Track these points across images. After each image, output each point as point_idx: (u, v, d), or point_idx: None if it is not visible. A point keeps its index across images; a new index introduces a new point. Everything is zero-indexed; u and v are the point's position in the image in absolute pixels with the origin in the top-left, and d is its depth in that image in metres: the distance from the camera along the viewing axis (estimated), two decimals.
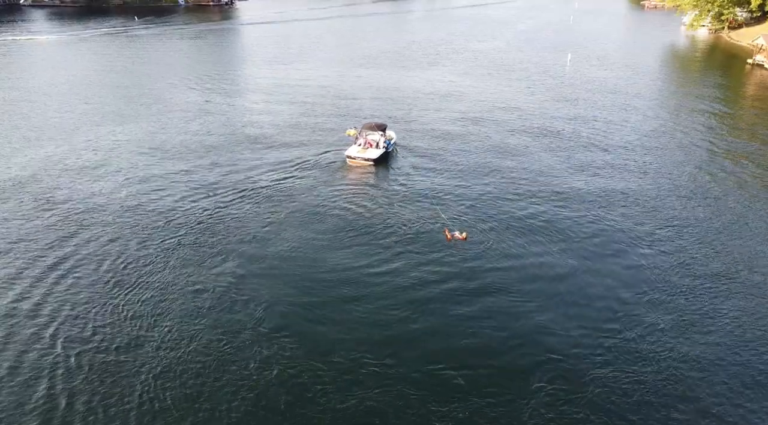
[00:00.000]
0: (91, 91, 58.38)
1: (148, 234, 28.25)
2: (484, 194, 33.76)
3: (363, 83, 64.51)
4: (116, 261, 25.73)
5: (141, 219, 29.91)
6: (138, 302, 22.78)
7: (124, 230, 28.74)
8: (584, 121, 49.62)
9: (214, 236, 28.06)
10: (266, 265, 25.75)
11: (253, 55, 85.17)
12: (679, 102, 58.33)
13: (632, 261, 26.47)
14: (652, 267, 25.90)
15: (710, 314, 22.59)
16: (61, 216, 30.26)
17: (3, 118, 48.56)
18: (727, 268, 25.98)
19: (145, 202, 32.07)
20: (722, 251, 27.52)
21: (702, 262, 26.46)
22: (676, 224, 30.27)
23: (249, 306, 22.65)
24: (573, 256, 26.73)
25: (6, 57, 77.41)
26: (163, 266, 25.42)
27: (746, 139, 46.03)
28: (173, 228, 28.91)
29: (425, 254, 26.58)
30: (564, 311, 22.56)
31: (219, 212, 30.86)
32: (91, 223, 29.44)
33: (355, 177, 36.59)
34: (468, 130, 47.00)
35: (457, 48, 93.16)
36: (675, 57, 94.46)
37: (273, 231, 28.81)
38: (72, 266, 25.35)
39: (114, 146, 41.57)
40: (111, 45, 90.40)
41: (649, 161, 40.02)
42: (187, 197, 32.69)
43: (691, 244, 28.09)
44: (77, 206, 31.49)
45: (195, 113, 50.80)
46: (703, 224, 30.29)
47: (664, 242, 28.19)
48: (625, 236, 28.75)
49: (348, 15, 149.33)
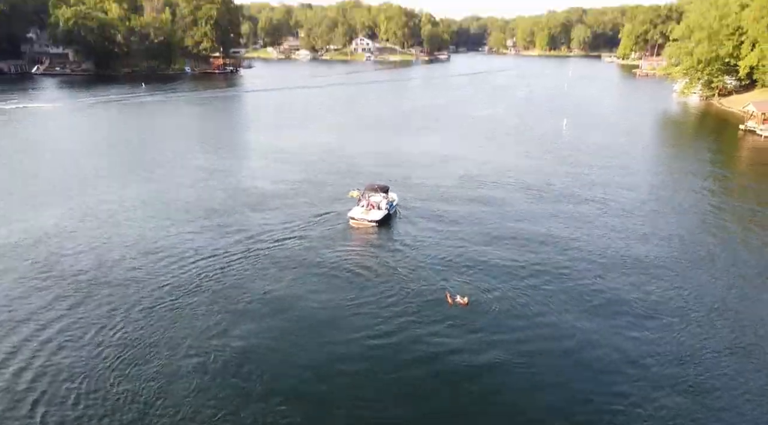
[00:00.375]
0: (98, 156, 59.21)
1: (149, 299, 27.62)
2: (485, 257, 33.37)
3: (364, 148, 65.61)
4: (113, 326, 25.06)
5: (141, 283, 29.36)
6: (136, 377, 21.99)
7: (124, 294, 28.15)
8: (583, 185, 50.01)
9: (214, 302, 27.46)
10: (268, 334, 25.04)
11: (257, 120, 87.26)
12: (676, 166, 59.05)
13: (638, 331, 25.72)
14: (659, 337, 25.21)
15: (720, 389, 21.80)
16: (60, 279, 29.76)
17: (10, 181, 48.97)
18: (734, 335, 25.34)
19: (146, 265, 31.63)
20: (729, 317, 26.94)
21: (710, 330, 25.82)
22: (681, 289, 29.76)
23: (251, 377, 21.88)
24: (578, 326, 26.00)
25: (16, 123, 79.12)
26: (162, 333, 24.72)
27: (745, 202, 46.20)
28: (173, 291, 28.35)
29: (427, 324, 25.84)
30: (571, 387, 21.75)
31: (220, 275, 30.41)
32: (90, 286, 28.88)
33: (358, 239, 36.51)
34: (468, 193, 47.28)
35: (457, 114, 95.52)
36: (669, 122, 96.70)
37: (275, 297, 28.25)
38: (67, 330, 24.68)
39: (117, 209, 41.62)
40: (118, 111, 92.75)
41: (650, 225, 39.89)
42: (188, 260, 32.30)
43: (701, 314, 27.51)
44: (77, 269, 31.00)
45: (199, 176, 51.29)
46: (709, 291, 29.80)
47: (670, 309, 27.58)
48: (631, 305, 28.15)
49: (349, 83, 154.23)
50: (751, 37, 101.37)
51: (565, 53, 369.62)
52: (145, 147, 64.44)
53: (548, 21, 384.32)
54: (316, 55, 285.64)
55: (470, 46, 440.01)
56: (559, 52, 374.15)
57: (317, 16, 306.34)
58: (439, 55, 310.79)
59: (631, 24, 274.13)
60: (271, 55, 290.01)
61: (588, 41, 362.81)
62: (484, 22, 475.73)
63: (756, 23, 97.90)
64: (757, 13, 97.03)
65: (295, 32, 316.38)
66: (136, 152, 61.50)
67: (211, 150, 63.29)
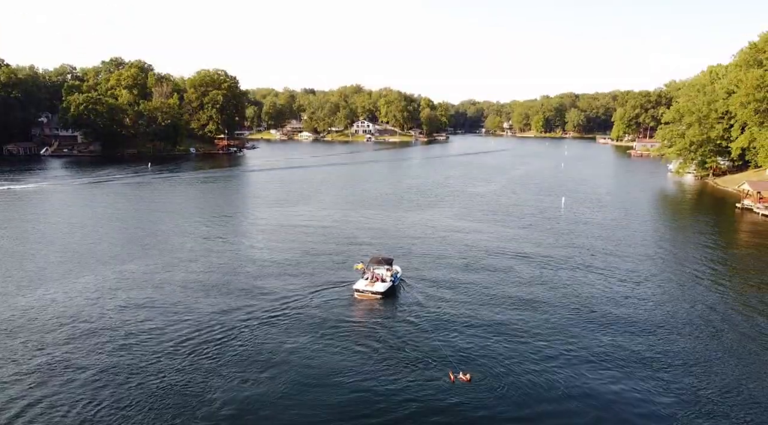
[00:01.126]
0: (97, 234, 59.07)
1: (143, 380, 26.47)
2: (489, 331, 32.82)
3: (364, 224, 65.76)
4: (104, 411, 23.79)
5: (135, 361, 28.27)
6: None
7: (117, 376, 26.98)
8: (582, 263, 49.40)
9: (207, 380, 26.30)
10: (268, 412, 24.07)
11: (259, 198, 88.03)
12: (677, 242, 58.76)
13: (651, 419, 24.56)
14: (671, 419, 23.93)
15: None
16: (51, 359, 28.66)
17: (8, 260, 48.54)
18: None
19: (142, 342, 30.64)
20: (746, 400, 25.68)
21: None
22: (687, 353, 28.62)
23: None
24: (583, 410, 24.87)
25: (20, 202, 79.85)
26: (153, 409, 23.47)
27: (747, 277, 45.48)
28: (172, 372, 27.19)
29: (431, 401, 25.00)
30: None
31: (221, 349, 29.53)
32: (83, 368, 27.72)
33: (362, 311, 36.52)
34: (470, 267, 47.08)
35: (454, 191, 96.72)
36: (666, 201, 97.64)
37: (277, 373, 27.47)
38: (54, 406, 23.40)
39: (114, 286, 40.93)
40: (123, 190, 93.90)
41: (651, 293, 39.10)
42: (188, 337, 31.33)
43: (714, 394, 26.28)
44: (67, 349, 29.91)
45: (199, 253, 50.95)
46: (723, 376, 28.62)
47: (678, 397, 26.36)
48: (640, 396, 26.96)
49: (349, 162, 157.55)
50: (740, 120, 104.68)
51: (560, 135, 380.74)
52: (147, 225, 64.41)
53: (542, 105, 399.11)
54: (318, 136, 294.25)
55: (467, 129, 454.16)
56: (555, 134, 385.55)
57: (319, 100, 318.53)
58: (437, 136, 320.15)
59: (622, 109, 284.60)
60: (274, 136, 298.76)
61: (582, 124, 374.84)
62: (481, 105, 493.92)
63: (743, 108, 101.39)
64: (744, 99, 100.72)
65: (298, 115, 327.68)
66: (137, 230, 61.41)
67: (213, 228, 63.26)
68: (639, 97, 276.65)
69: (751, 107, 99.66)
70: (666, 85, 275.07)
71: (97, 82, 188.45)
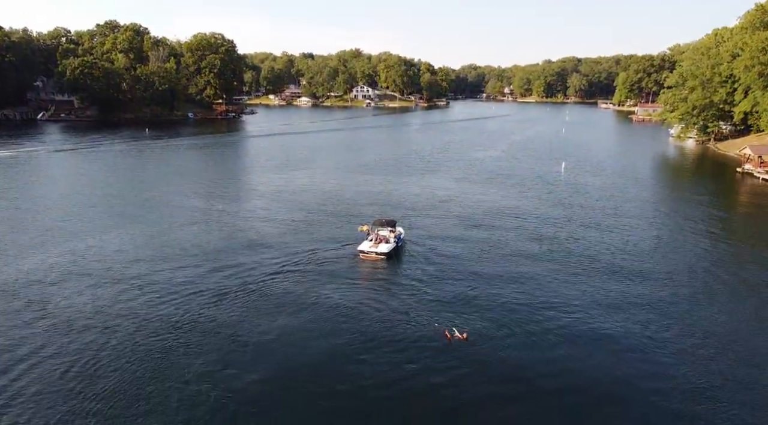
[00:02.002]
0: (96, 198, 59.18)
1: (145, 341, 26.97)
2: (487, 290, 33.32)
3: (364, 188, 65.82)
4: (106, 371, 24.32)
5: (138, 324, 28.72)
6: (125, 411, 21.21)
7: (118, 336, 27.47)
8: (581, 225, 49.66)
9: (213, 336, 26.85)
10: (274, 365, 24.82)
11: (258, 163, 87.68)
12: (677, 207, 58.86)
13: (644, 368, 25.10)
14: (667, 376, 24.48)
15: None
16: (54, 321, 29.16)
17: (10, 223, 48.76)
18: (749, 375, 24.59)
19: (144, 306, 31.05)
20: (745, 356, 26.25)
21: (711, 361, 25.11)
22: (680, 323, 29.13)
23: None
24: (576, 361, 25.47)
25: (19, 167, 79.63)
26: (154, 370, 24.03)
27: (746, 241, 45.81)
28: (174, 335, 27.67)
29: (428, 361, 25.53)
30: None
31: (235, 301, 30.00)
32: (85, 330, 28.21)
33: (367, 271, 37.53)
34: (469, 230, 47.62)
35: (454, 157, 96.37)
36: (666, 166, 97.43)
37: (282, 327, 28.12)
38: (53, 367, 23.98)
39: (115, 250, 41.25)
40: (120, 155, 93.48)
41: (650, 262, 39.44)
42: (192, 298, 31.78)
43: (699, 346, 26.82)
44: (71, 311, 30.39)
45: (198, 217, 51.12)
46: (726, 332, 29.15)
47: (674, 344, 26.89)
48: (634, 342, 27.48)
49: (349, 128, 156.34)
50: (744, 84, 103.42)
51: (562, 100, 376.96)
52: (146, 189, 64.36)
53: (544, 70, 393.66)
54: (317, 101, 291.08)
55: (468, 94, 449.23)
56: (556, 99, 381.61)
57: (318, 65, 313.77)
58: (438, 101, 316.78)
59: (625, 73, 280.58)
60: (272, 102, 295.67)
61: (584, 89, 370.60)
62: (482, 70, 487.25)
63: (748, 71, 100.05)
64: (749, 62, 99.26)
65: (297, 80, 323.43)
66: (136, 195, 61.41)
67: (213, 192, 63.29)
68: (642, 61, 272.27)
69: (755, 70, 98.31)
70: (670, 49, 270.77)
71: (92, 46, 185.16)
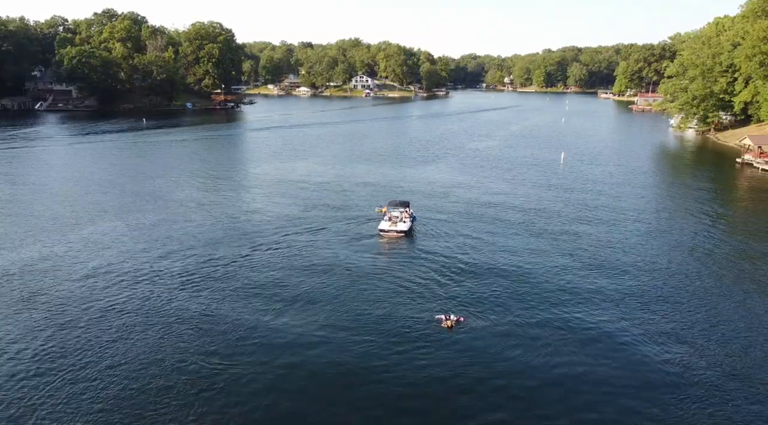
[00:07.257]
0: (94, 188, 59.11)
1: (142, 335, 27.09)
2: (490, 272, 33.72)
3: (364, 178, 65.86)
4: (104, 365, 24.42)
5: (133, 315, 28.82)
6: (129, 393, 21.34)
7: (113, 327, 27.54)
8: (580, 214, 49.73)
9: (236, 313, 26.98)
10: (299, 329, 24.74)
11: (257, 153, 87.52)
12: (677, 197, 58.89)
13: (637, 359, 25.22)
14: (646, 363, 24.63)
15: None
16: (45, 312, 29.19)
17: (6, 213, 48.75)
18: (747, 370, 24.73)
19: (140, 296, 31.13)
20: (742, 351, 26.38)
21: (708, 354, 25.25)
22: (676, 317, 29.25)
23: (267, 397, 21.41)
24: (575, 352, 25.60)
25: (16, 158, 79.49)
26: (158, 352, 24.16)
27: (746, 232, 45.86)
28: (179, 325, 27.80)
29: (426, 346, 25.58)
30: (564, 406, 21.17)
31: (252, 279, 30.04)
32: (77, 321, 28.24)
33: (388, 247, 40.83)
34: (470, 217, 48.60)
35: (454, 146, 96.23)
36: (666, 156, 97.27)
37: (305, 299, 28.16)
38: (50, 353, 24.10)
39: (112, 239, 41.26)
40: (118, 145, 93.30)
41: (651, 254, 39.50)
42: (195, 283, 31.93)
43: (697, 339, 26.95)
44: (63, 301, 30.42)
45: (196, 206, 51.12)
46: (725, 326, 29.27)
47: (670, 339, 27.02)
48: (630, 334, 27.59)
49: (348, 119, 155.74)
50: (745, 73, 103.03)
51: (562, 90, 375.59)
52: (143, 180, 64.21)
53: (544, 59, 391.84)
54: (316, 91, 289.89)
55: (468, 83, 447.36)
56: (556, 88, 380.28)
57: (317, 54, 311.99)
58: (437, 91, 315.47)
59: (625, 62, 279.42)
60: (271, 91, 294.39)
61: (584, 78, 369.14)
62: (482, 60, 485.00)
63: (749, 61, 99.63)
64: (750, 51, 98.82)
65: (296, 70, 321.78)
66: (133, 185, 61.29)
67: (211, 182, 63.23)
68: (643, 51, 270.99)
69: (756, 59, 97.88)
70: (671, 38, 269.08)
71: (89, 35, 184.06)
